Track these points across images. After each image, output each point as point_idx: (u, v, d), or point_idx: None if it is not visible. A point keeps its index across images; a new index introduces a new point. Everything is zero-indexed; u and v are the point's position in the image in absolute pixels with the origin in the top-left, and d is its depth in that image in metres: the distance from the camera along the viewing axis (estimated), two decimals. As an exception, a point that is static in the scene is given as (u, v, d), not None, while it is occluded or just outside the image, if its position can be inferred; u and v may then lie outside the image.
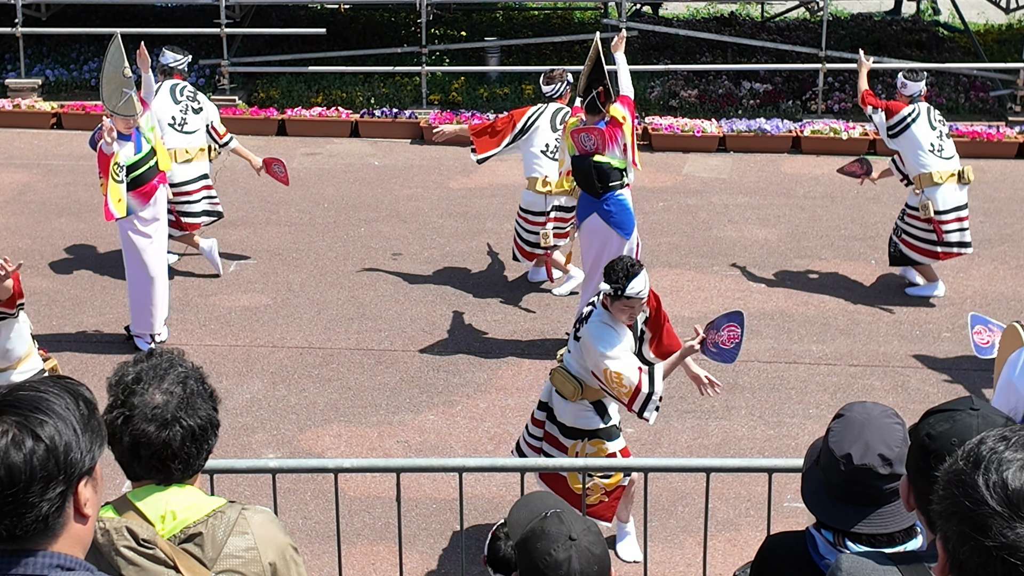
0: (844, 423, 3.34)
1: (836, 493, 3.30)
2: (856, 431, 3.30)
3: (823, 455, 3.36)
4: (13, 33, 15.47)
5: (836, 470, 3.28)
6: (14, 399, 2.53)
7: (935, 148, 10.41)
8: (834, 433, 3.33)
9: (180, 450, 3.28)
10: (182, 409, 3.28)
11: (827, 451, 3.33)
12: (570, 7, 19.87)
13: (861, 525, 3.26)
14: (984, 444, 2.26)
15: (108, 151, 9.20)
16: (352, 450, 8.39)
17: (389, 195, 13.03)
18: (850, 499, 3.28)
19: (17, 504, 2.46)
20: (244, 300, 10.62)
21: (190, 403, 3.30)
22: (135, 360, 3.40)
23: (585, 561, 3.30)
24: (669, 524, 7.55)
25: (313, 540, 7.33)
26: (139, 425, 3.25)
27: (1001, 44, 17.59)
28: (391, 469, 5.22)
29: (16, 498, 2.46)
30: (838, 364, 9.56)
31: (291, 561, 3.40)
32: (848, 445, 3.28)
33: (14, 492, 2.45)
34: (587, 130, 9.23)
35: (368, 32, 17.73)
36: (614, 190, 9.24)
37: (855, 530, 3.26)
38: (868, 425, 3.31)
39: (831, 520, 3.30)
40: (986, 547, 2.17)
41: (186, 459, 3.31)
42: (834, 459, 3.29)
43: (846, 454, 3.27)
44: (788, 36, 17.40)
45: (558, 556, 3.29)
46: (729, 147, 14.57)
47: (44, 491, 2.48)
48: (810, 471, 3.39)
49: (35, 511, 2.48)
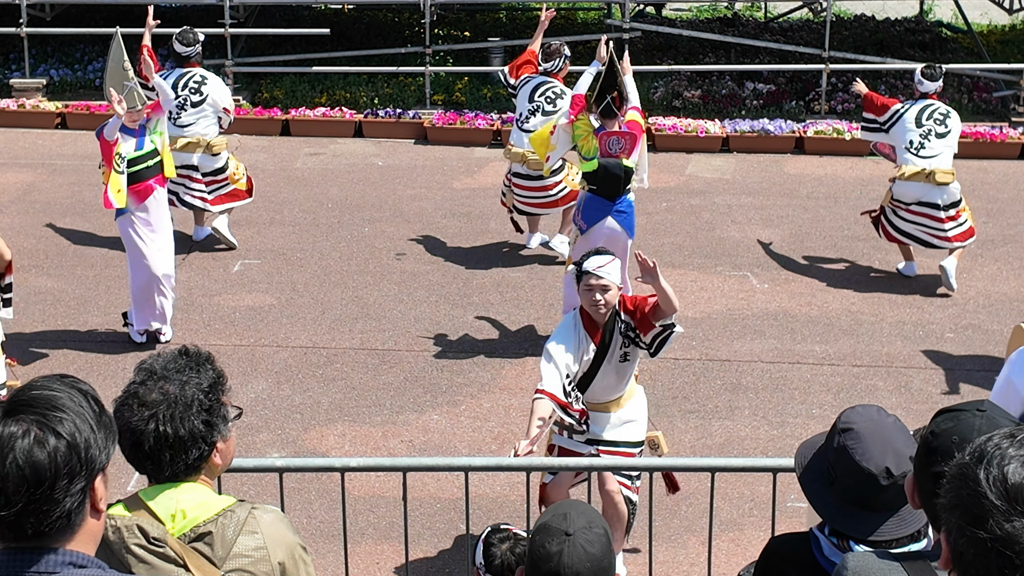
0: (859, 437, 3.31)
1: (863, 504, 3.27)
2: (879, 442, 3.28)
3: (847, 474, 3.30)
4: (18, 33, 15.50)
5: (874, 485, 3.26)
6: (29, 399, 2.57)
7: (913, 145, 10.63)
8: (856, 450, 3.29)
9: (152, 451, 3.32)
10: (167, 414, 3.31)
11: (855, 469, 3.28)
12: (574, 7, 19.88)
13: (883, 531, 3.27)
14: (991, 440, 2.31)
15: (111, 137, 9.26)
16: (356, 449, 8.41)
17: (393, 195, 13.05)
18: (877, 507, 3.28)
19: (43, 502, 2.50)
20: (248, 300, 10.64)
21: (179, 412, 3.31)
22: (165, 353, 3.43)
23: (576, 557, 3.31)
24: (673, 524, 7.57)
25: (318, 539, 7.35)
26: (125, 415, 3.31)
27: (1004, 45, 17.60)
28: (397, 468, 5.24)
29: (43, 496, 2.49)
30: (841, 364, 9.58)
31: (300, 560, 3.43)
32: (880, 459, 3.27)
33: (41, 490, 2.49)
34: (617, 134, 9.24)
35: (372, 32, 17.75)
36: (627, 193, 9.36)
37: (875, 537, 3.26)
38: (883, 433, 3.30)
39: (856, 531, 3.27)
40: (982, 539, 2.22)
41: (158, 462, 3.34)
42: (869, 476, 3.26)
43: (884, 468, 3.25)
44: (791, 37, 17.42)
45: (550, 549, 3.32)
46: (732, 147, 14.59)
47: (68, 487, 2.52)
48: (820, 490, 3.36)
49: (60, 508, 2.51)
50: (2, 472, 2.48)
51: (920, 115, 10.67)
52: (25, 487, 2.48)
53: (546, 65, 11.17)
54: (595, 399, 6.71)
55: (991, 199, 12.93)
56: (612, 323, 6.61)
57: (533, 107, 11.19)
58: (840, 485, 3.31)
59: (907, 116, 10.70)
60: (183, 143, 11.18)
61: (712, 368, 9.54)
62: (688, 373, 9.45)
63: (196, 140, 11.25)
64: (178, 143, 11.06)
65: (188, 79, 11.28)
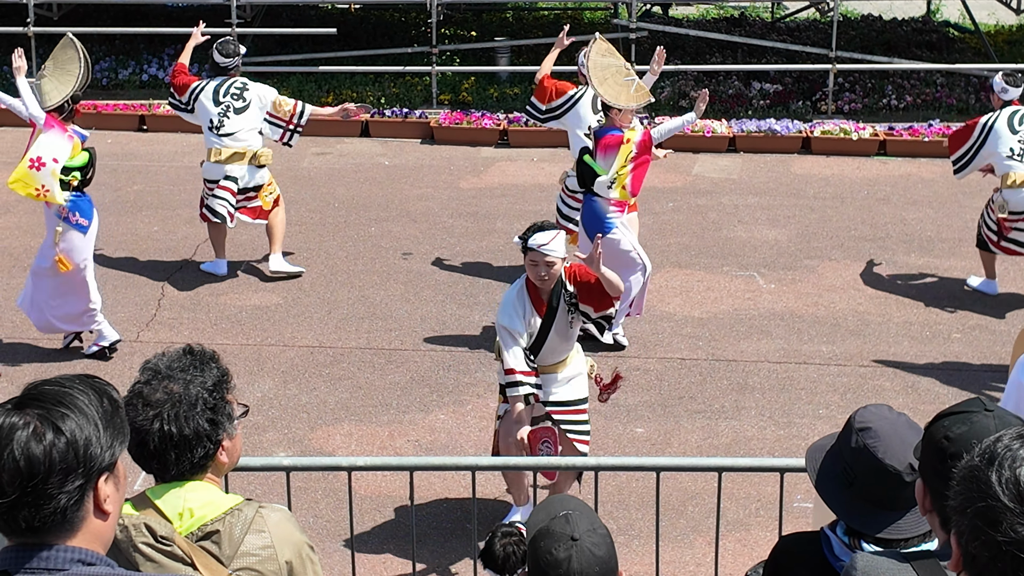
0: (878, 435, 3.30)
1: (882, 503, 3.27)
2: (898, 440, 3.28)
3: (868, 473, 3.29)
4: (25, 32, 15.52)
5: (898, 482, 3.25)
6: (38, 393, 2.59)
7: (1015, 152, 10.26)
8: (877, 448, 3.28)
9: (158, 450, 3.32)
10: (172, 413, 3.31)
11: (877, 467, 3.27)
12: (580, 7, 19.89)
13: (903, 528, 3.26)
14: (1000, 442, 2.29)
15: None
16: (363, 449, 8.41)
17: (399, 195, 13.05)
18: (897, 504, 3.27)
19: (36, 495, 2.51)
20: (255, 299, 10.65)
21: (184, 411, 3.31)
22: (167, 353, 3.43)
23: (585, 562, 3.31)
24: (679, 524, 7.56)
25: (324, 539, 7.35)
26: (130, 414, 3.31)
27: (1012, 45, 17.59)
28: (405, 468, 5.24)
29: (35, 489, 2.50)
30: (848, 365, 9.56)
31: (307, 559, 3.43)
32: (903, 455, 3.26)
33: (33, 483, 2.50)
34: (599, 127, 9.61)
35: (378, 32, 17.76)
36: (591, 194, 9.45)
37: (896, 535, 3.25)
38: (900, 431, 3.30)
39: (876, 530, 3.28)
40: (997, 542, 2.20)
41: (164, 461, 3.34)
42: (893, 473, 3.25)
43: (908, 464, 3.24)
44: (798, 37, 17.41)
45: (558, 555, 3.32)
46: (739, 147, 14.58)
47: (63, 483, 2.52)
48: (836, 491, 3.35)
49: (53, 503, 2.52)
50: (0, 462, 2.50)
51: (1011, 121, 10.35)
52: (19, 479, 2.49)
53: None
54: (543, 362, 7.15)
55: (998, 199, 12.90)
56: (557, 292, 7.02)
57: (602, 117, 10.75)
58: (860, 484, 3.30)
59: (998, 126, 10.36)
60: (228, 154, 10.75)
61: (718, 368, 9.53)
62: (695, 373, 9.44)
63: (242, 151, 10.80)
64: (223, 154, 10.73)
65: (229, 86, 10.95)
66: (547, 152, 14.49)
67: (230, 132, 10.82)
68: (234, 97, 10.92)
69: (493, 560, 5.27)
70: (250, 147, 10.86)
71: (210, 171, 10.84)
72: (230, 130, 10.82)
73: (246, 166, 10.84)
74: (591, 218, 9.44)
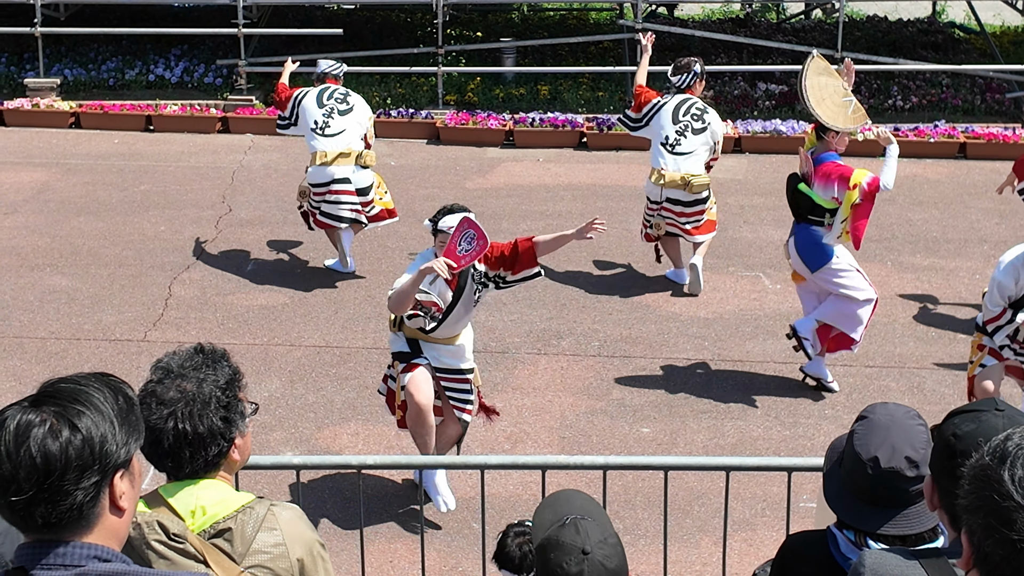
0: (868, 426, 3.36)
1: (862, 495, 3.32)
2: (881, 434, 3.33)
3: (847, 458, 3.37)
4: (32, 33, 15.56)
5: (863, 473, 3.31)
6: (54, 391, 2.62)
7: None
8: (859, 436, 3.35)
9: (172, 449, 3.34)
10: (186, 412, 3.33)
11: (852, 454, 3.34)
12: (586, 8, 19.91)
13: (888, 527, 3.29)
14: (1010, 440, 2.31)
15: None
16: (370, 448, 8.43)
17: (405, 195, 13.07)
18: (876, 501, 3.30)
19: (52, 492, 2.54)
20: (262, 299, 10.67)
21: (197, 409, 3.34)
22: (179, 352, 3.45)
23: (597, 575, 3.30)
24: (685, 524, 7.58)
25: (332, 537, 7.37)
26: (144, 413, 3.31)
27: (1017, 46, 17.59)
28: (414, 466, 5.26)
29: (52, 486, 2.53)
30: (854, 365, 9.57)
31: (318, 557, 3.45)
32: (875, 448, 3.31)
33: (50, 480, 2.53)
34: (809, 157, 8.96)
35: (384, 33, 17.79)
36: (811, 223, 8.90)
37: (881, 532, 3.29)
38: (893, 427, 3.34)
39: (857, 522, 3.33)
40: (1011, 540, 2.22)
41: (178, 460, 3.36)
42: (860, 462, 3.31)
43: (873, 457, 3.30)
44: (804, 37, 17.42)
45: (570, 570, 3.27)
46: (745, 148, 14.59)
47: (79, 480, 2.55)
48: (832, 473, 3.41)
49: (70, 499, 2.55)
50: (17, 459, 2.53)
51: None
52: (36, 476, 2.52)
53: (675, 80, 10.64)
54: (445, 333, 7.54)
55: (1004, 200, 12.90)
56: (467, 271, 7.36)
57: (681, 127, 10.60)
58: (844, 470, 3.38)
59: None
60: (334, 155, 10.63)
61: (724, 368, 9.55)
62: (701, 373, 9.46)
63: (347, 151, 10.68)
64: (328, 156, 10.61)
65: (333, 91, 10.89)
66: (552, 153, 14.51)
67: (336, 132, 10.74)
68: (338, 101, 10.89)
69: (510, 560, 5.26)
70: (354, 148, 10.79)
71: (316, 175, 10.72)
72: (336, 130, 10.74)
73: (352, 166, 10.75)
74: (810, 245, 8.87)
